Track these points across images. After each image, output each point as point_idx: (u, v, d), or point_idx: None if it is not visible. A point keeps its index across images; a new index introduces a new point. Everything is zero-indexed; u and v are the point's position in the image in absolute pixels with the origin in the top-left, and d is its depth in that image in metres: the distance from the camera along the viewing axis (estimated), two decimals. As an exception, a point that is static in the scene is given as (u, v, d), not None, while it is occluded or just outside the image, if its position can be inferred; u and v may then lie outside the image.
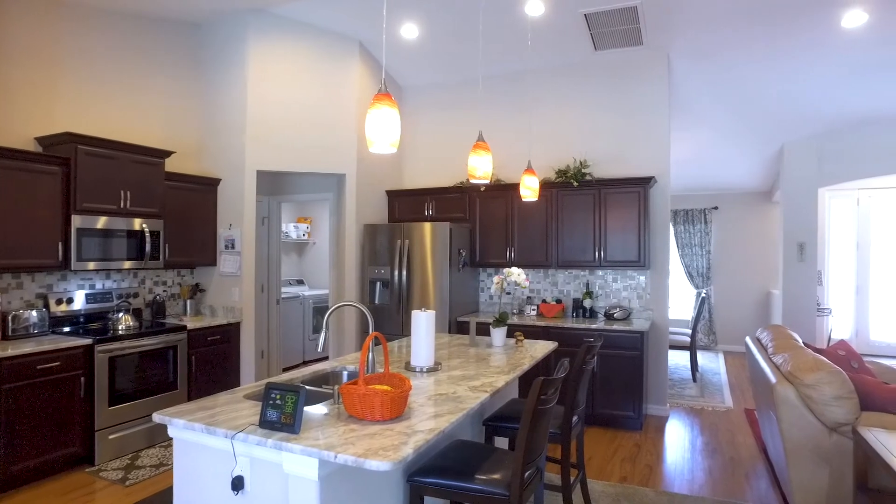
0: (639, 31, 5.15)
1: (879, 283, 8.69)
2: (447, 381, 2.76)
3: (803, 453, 3.00)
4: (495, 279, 3.90)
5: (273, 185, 6.59)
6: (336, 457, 1.78)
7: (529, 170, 3.96)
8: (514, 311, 5.91)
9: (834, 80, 5.68)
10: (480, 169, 3.05)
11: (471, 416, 3.09)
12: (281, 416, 1.96)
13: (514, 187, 5.68)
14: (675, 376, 7.11)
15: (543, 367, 5.13)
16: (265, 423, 1.97)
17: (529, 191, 3.93)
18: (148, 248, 4.60)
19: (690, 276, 9.15)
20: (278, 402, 1.98)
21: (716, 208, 9.11)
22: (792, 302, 7.09)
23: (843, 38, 4.91)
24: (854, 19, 4.69)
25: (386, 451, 1.79)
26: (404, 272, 5.66)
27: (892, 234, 8.66)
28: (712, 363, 8.00)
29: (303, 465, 1.86)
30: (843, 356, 4.11)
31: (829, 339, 8.47)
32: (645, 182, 5.16)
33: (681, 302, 9.46)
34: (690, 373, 7.02)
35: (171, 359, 4.59)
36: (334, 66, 5.69)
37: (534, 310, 5.72)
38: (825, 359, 3.14)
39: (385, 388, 2.18)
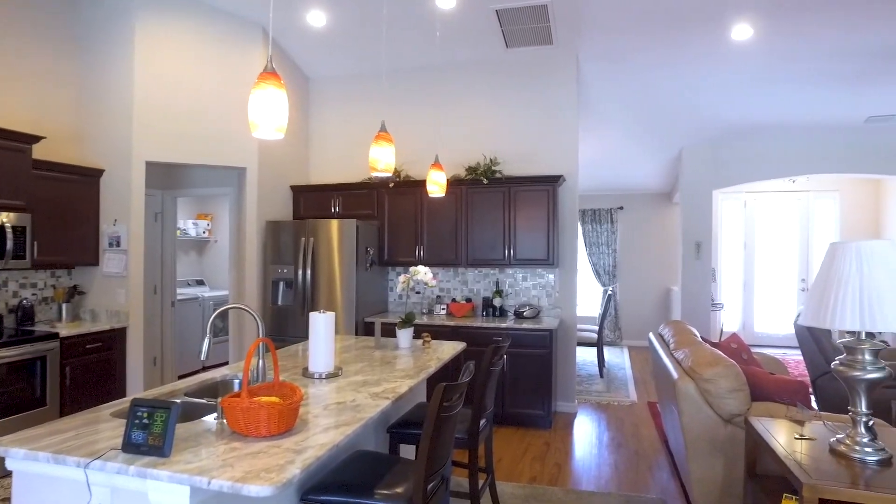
0: (549, 31, 5.17)
1: (763, 279, 9.34)
2: (347, 388, 2.58)
3: (701, 445, 3.07)
4: (401, 278, 3.75)
5: (167, 177, 6.09)
6: (210, 482, 1.55)
7: (436, 164, 3.84)
8: (424, 310, 5.79)
9: (727, 90, 5.98)
10: (383, 161, 2.89)
11: (373, 425, 2.92)
12: (148, 438, 1.70)
13: (424, 184, 5.56)
14: (583, 372, 7.27)
15: (453, 367, 5.04)
16: (129, 447, 1.71)
17: (436, 186, 3.81)
18: (9, 245, 4.06)
19: (598, 273, 9.43)
20: (145, 420, 1.72)
21: (621, 208, 9.44)
22: (690, 298, 7.44)
23: (733, 50, 5.16)
24: (742, 33, 4.94)
25: (269, 473, 1.59)
26: (309, 271, 5.38)
27: (774, 235, 9.33)
28: (618, 358, 8.27)
29: (172, 493, 1.62)
30: (735, 349, 4.30)
31: (721, 332, 8.99)
32: (554, 181, 5.19)
33: (589, 299, 9.73)
34: (598, 369, 7.20)
35: (40, 371, 4.08)
36: (235, 53, 5.32)
37: (443, 309, 5.62)
38: (721, 353, 3.23)
39: (273, 399, 1.97)
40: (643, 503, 3.49)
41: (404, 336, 3.66)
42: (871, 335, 2.25)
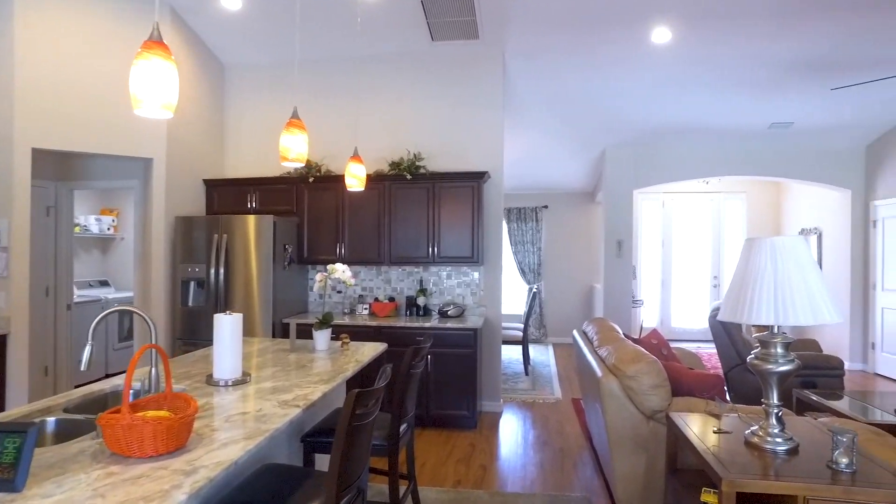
0: (475, 25, 5.09)
1: (679, 277, 9.73)
2: (254, 396, 2.37)
3: (625, 442, 3.06)
4: (317, 277, 3.55)
5: (62, 167, 5.57)
6: (73, 517, 1.33)
7: (356, 157, 3.66)
8: (346, 310, 5.58)
9: (647, 92, 6.13)
10: (294, 150, 2.68)
11: (283, 435, 2.72)
12: (-1, 466, 1.44)
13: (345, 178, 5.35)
14: (508, 371, 7.27)
15: (375, 369, 4.86)
16: (-25, 477, 1.44)
17: (355, 180, 3.63)
18: None
19: (523, 271, 9.50)
20: (-2, 445, 1.46)
21: (546, 207, 9.56)
22: (612, 295, 7.61)
23: (653, 53, 5.28)
24: (661, 36, 5.05)
25: (149, 503, 1.38)
26: (222, 270, 5.05)
27: (689, 234, 9.73)
28: (543, 356, 8.35)
29: (27, 530, 1.38)
30: (656, 344, 4.37)
31: (641, 328, 9.28)
32: (479, 177, 5.12)
33: (514, 297, 9.79)
34: (523, 367, 7.22)
35: None
36: (142, 33, 4.91)
37: (366, 309, 5.44)
38: (643, 350, 3.25)
39: (161, 414, 1.74)
40: (568, 502, 3.46)
41: (321, 338, 3.46)
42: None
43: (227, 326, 2.54)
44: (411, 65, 5.60)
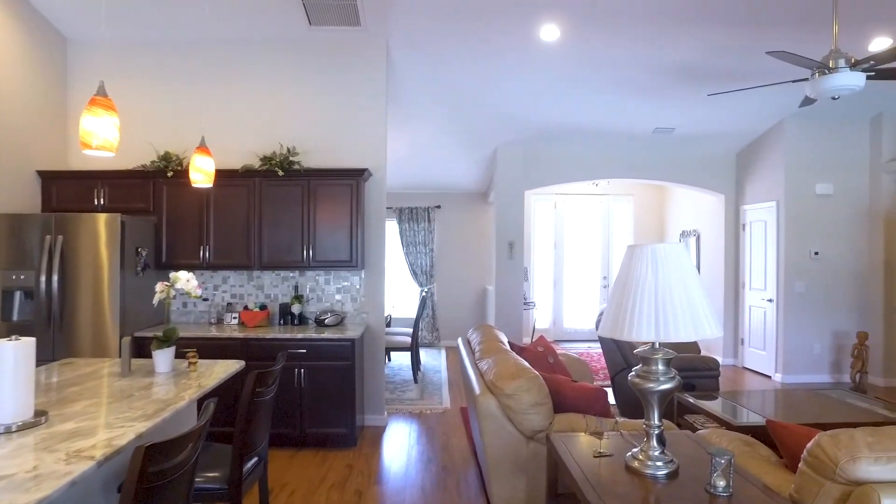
0: (356, 10, 4.70)
1: (571, 278, 9.86)
2: (37, 447, 1.86)
3: (504, 464, 2.82)
4: (158, 287, 3.02)
5: None
6: None
7: (202, 148, 3.16)
8: (213, 320, 5.00)
9: (537, 91, 6.03)
10: (99, 135, 2.17)
11: (97, 485, 2.21)
12: None
13: (212, 175, 4.78)
14: (397, 379, 6.94)
15: (232, 391, 4.34)
16: None
17: (201, 174, 3.13)
18: None
19: (415, 273, 9.21)
20: None
21: (438, 207, 9.33)
22: (503, 297, 7.50)
23: (543, 49, 5.15)
24: (550, 33, 4.93)
25: None
26: (56, 278, 4.32)
27: (580, 236, 9.89)
28: (435, 360, 8.10)
29: None
30: (542, 352, 4.20)
31: (534, 329, 9.29)
32: (358, 174, 4.75)
33: (407, 300, 9.49)
34: (412, 373, 6.92)
35: None
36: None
37: (235, 318, 4.90)
38: (525, 363, 3.03)
39: None
40: (446, 530, 3.18)
41: (162, 358, 2.94)
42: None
43: (8, 357, 2.00)
44: (287, 51, 5.11)
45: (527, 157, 7.60)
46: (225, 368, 3.03)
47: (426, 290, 9.09)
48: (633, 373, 2.15)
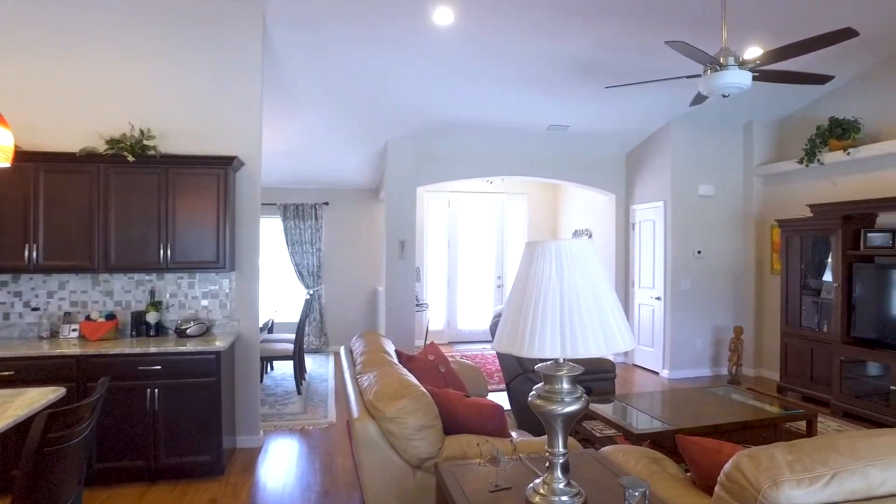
0: (221, -25, 4.10)
1: (465, 278, 9.66)
2: None
3: (386, 499, 2.42)
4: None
5: None
6: None
7: (-2, 118, 2.47)
8: (44, 333, 4.17)
9: (430, 81, 5.69)
10: None
11: None
12: None
13: (41, 157, 3.98)
14: (279, 391, 6.33)
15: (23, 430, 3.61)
16: None
17: (-7, 151, 2.44)
18: None
19: (301, 275, 8.58)
20: None
21: (327, 204, 8.76)
22: (394, 298, 7.10)
23: (436, 35, 4.80)
24: (443, 17, 4.58)
25: None
26: None
27: (475, 234, 9.72)
28: (322, 368, 7.54)
29: None
30: (432, 361, 3.85)
31: (427, 331, 8.98)
32: (226, 163, 4.14)
33: (294, 304, 8.82)
34: (295, 384, 6.34)
35: None
36: None
37: (75, 330, 4.12)
38: (412, 379, 2.64)
39: None
40: (321, 575, 2.73)
41: (-59, 391, 2.25)
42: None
43: None
44: (145, 17, 4.37)
45: (419, 152, 7.25)
46: (29, 402, 2.38)
47: (312, 292, 8.49)
48: (533, 393, 1.83)
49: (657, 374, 7.20)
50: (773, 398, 4.38)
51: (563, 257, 1.67)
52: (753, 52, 4.99)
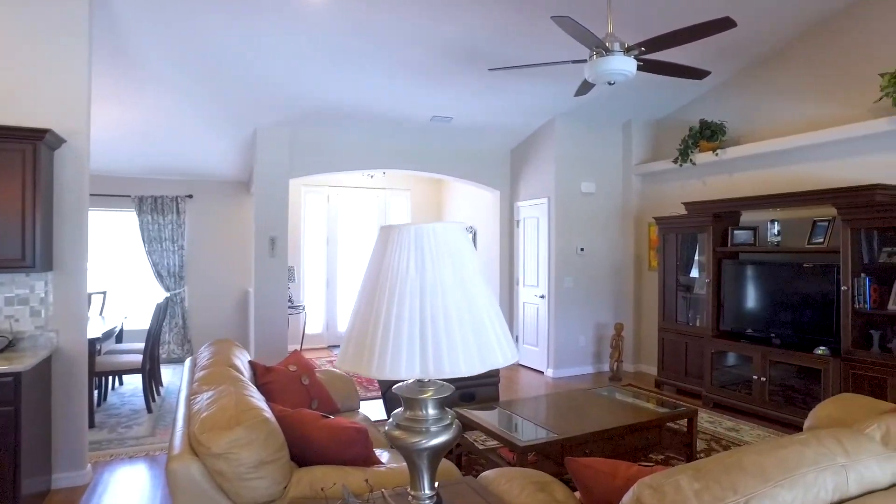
0: None
1: (345, 277, 9.12)
2: None
3: (218, 555, 1.90)
4: None
5: None
6: None
7: None
8: None
9: (305, 62, 5.14)
10: None
11: None
12: None
13: None
14: (125, 410, 5.48)
15: None
16: None
17: None
18: None
19: (160, 276, 7.63)
20: None
21: (191, 196, 7.87)
22: (264, 300, 6.44)
23: (308, 9, 4.27)
24: (315, -13, 4.08)
25: None
26: None
27: (356, 231, 9.21)
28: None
29: None
30: (295, 372, 3.35)
31: (304, 335, 8.36)
32: (36, 136, 3.36)
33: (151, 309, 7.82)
34: (146, 401, 5.50)
35: None
36: None
37: None
38: (254, 401, 2.15)
39: None
40: None
41: None
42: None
43: None
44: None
45: (293, 141, 6.64)
46: None
47: (173, 294, 7.58)
48: (391, 421, 1.43)
49: (542, 373, 7.12)
50: (653, 395, 4.33)
51: (426, 246, 1.28)
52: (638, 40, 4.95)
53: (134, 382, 6.36)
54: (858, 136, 4.91)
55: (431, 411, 1.39)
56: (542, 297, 7.10)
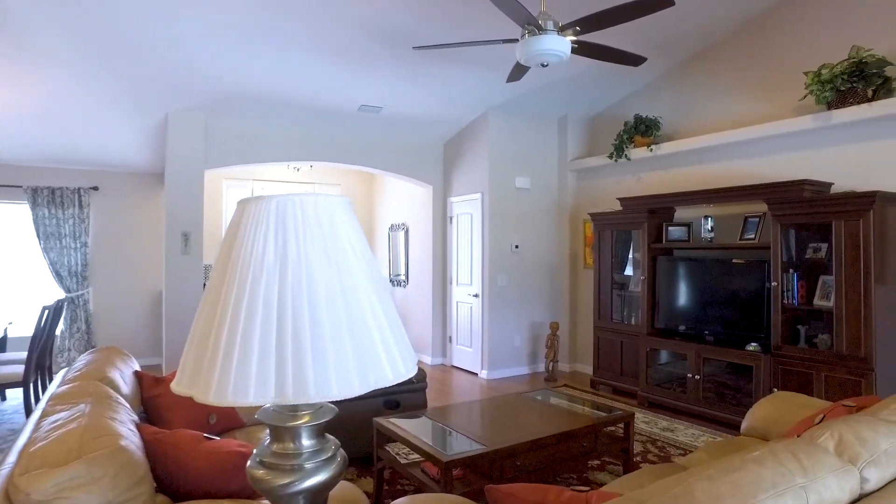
0: None
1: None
2: None
3: None
4: None
5: None
6: None
7: None
8: None
9: (221, 41, 4.67)
10: None
11: None
12: None
13: None
14: (2, 430, 4.84)
15: None
16: None
17: None
18: None
19: (59, 276, 6.91)
20: None
21: (95, 188, 7.17)
22: (176, 302, 5.89)
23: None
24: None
25: None
26: None
27: (284, 227, 8.69)
28: (80, 391, 6.04)
29: None
30: (191, 384, 2.91)
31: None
32: None
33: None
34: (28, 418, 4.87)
35: None
36: None
37: None
38: (112, 426, 1.75)
39: None
40: None
41: None
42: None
43: None
44: None
45: (210, 129, 6.12)
46: None
47: (75, 296, 6.88)
48: (254, 457, 1.09)
49: (476, 374, 6.87)
50: (587, 399, 4.14)
51: (291, 225, 0.95)
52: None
53: (18, 397, 5.68)
54: (786, 132, 4.93)
55: (306, 442, 1.06)
56: (476, 295, 6.86)
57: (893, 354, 4.22)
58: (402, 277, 8.23)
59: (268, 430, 1.08)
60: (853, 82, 4.42)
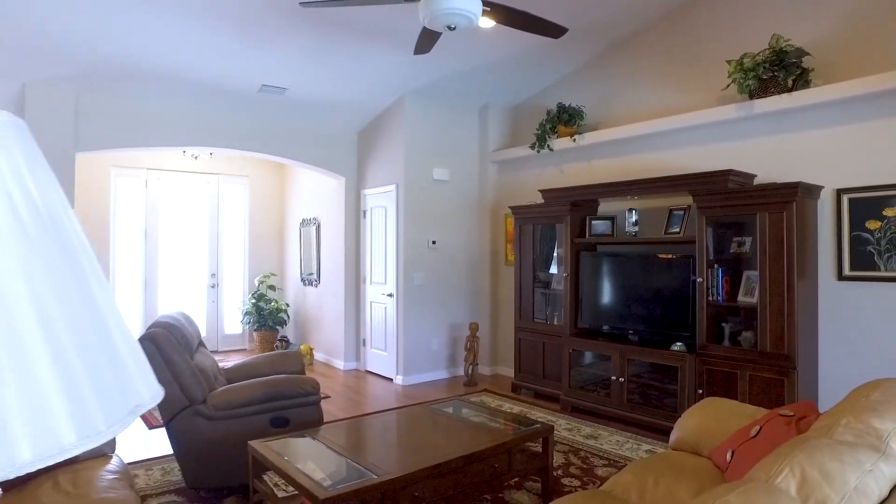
0: None
1: (168, 276, 7.78)
2: None
3: None
4: None
5: None
6: None
7: None
8: None
9: (97, 3, 3.95)
10: None
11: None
12: None
13: None
14: None
15: None
16: None
17: None
18: None
19: None
20: None
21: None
22: (39, 307, 5.04)
23: None
24: None
25: None
26: None
27: (181, 223, 7.89)
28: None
29: None
30: None
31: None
32: None
33: None
34: None
35: None
36: None
37: None
38: None
39: None
40: None
41: None
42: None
43: None
44: None
45: (83, 105, 5.32)
46: None
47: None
48: None
49: (391, 380, 6.37)
50: (502, 412, 3.74)
51: None
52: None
53: None
54: (710, 122, 4.74)
55: None
56: (391, 295, 6.36)
57: (812, 351, 4.08)
58: (314, 276, 7.61)
59: None
60: (774, 71, 4.27)
